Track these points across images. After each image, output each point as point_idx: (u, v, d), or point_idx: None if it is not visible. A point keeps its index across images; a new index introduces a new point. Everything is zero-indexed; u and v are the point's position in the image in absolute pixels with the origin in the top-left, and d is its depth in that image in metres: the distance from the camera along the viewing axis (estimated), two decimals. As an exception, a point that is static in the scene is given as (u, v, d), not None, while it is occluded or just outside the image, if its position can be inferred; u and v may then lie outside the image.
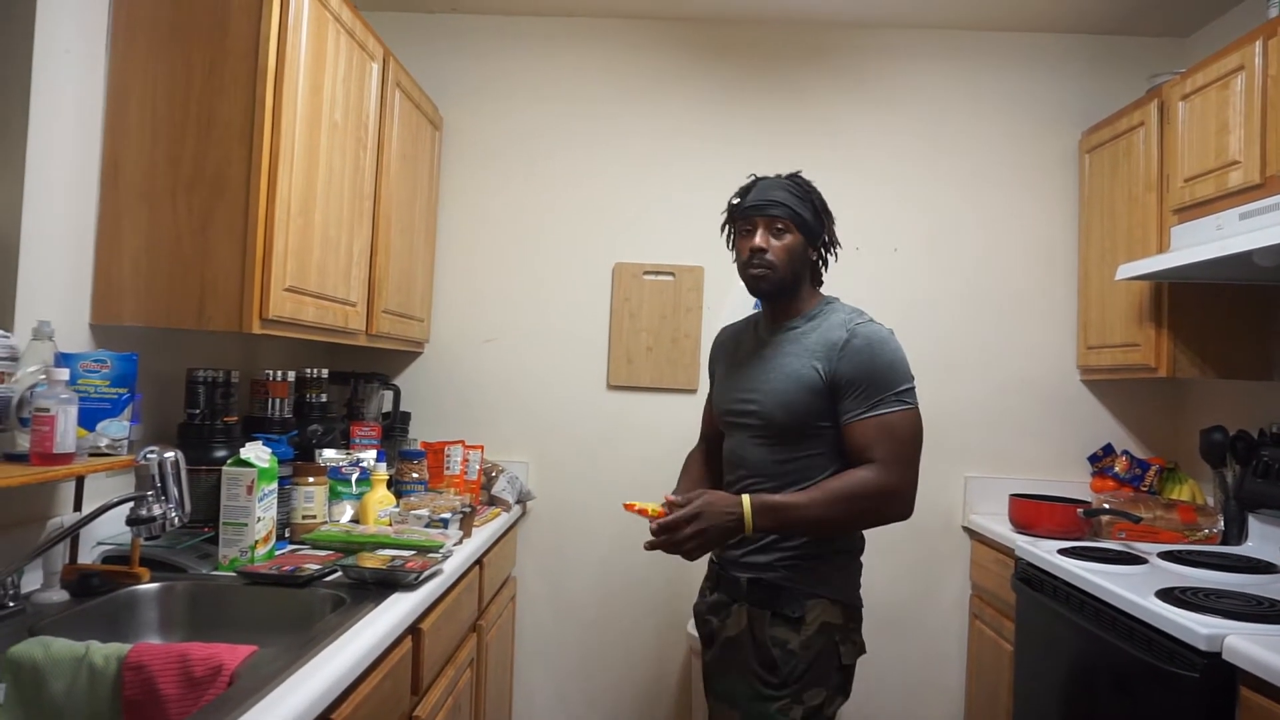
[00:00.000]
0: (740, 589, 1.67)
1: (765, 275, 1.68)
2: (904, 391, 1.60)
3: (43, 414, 1.41)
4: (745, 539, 1.63)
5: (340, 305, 2.16)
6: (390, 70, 2.43)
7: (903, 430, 1.57)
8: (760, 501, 1.55)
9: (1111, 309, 2.72)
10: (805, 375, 1.62)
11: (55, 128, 1.65)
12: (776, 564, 1.64)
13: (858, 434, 1.58)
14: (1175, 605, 1.72)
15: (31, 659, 1.22)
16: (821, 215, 1.72)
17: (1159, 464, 2.79)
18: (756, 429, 1.68)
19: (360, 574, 1.67)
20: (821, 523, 1.57)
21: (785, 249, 1.67)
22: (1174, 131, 2.40)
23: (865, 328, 1.63)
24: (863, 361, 1.59)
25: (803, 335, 1.68)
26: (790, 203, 1.67)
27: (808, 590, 1.63)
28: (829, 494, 1.55)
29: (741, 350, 1.81)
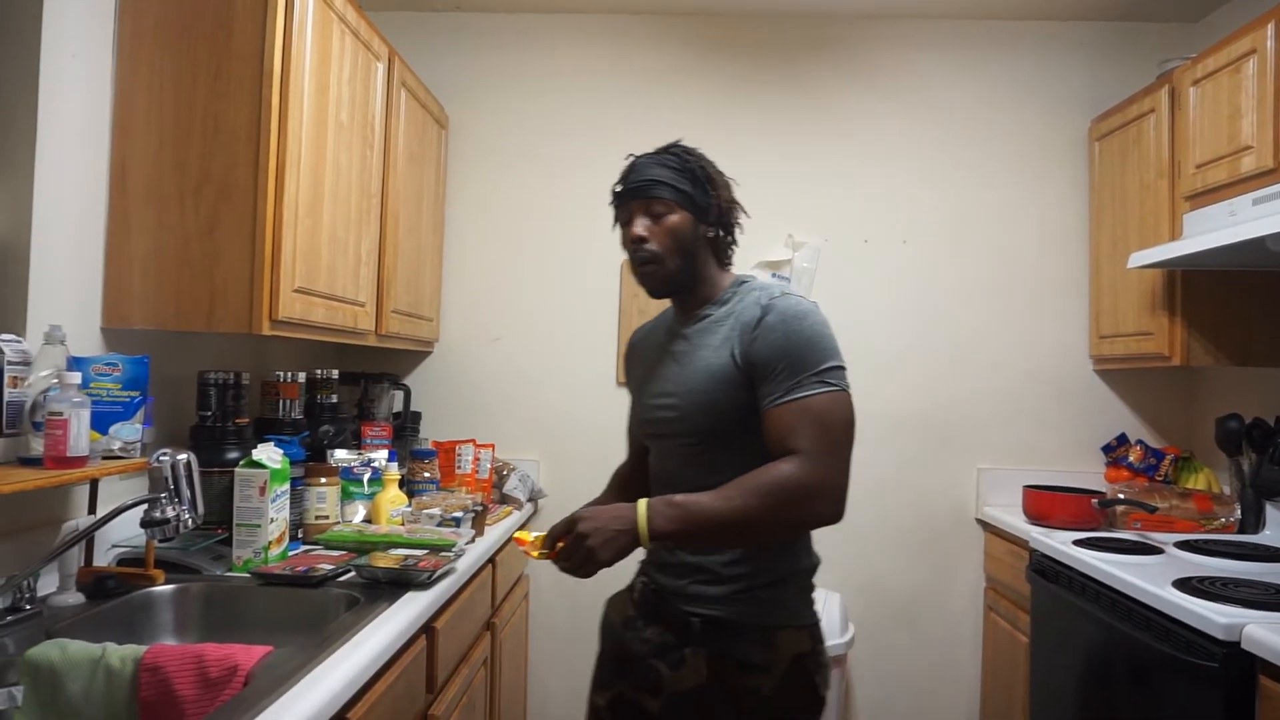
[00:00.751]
0: (692, 631, 1.40)
1: (653, 270, 1.44)
2: (828, 371, 1.34)
3: (56, 418, 1.41)
4: (687, 567, 1.42)
5: (349, 305, 2.16)
6: (395, 70, 2.43)
7: (828, 415, 1.32)
8: (660, 502, 1.30)
9: (1124, 298, 2.70)
10: (721, 366, 1.39)
11: (64, 133, 1.65)
12: (733, 597, 1.39)
13: (776, 421, 1.33)
14: (1193, 595, 1.71)
15: (49, 661, 1.22)
16: (707, 184, 1.45)
17: (1174, 453, 2.77)
18: (680, 436, 1.44)
19: (373, 574, 1.67)
20: (735, 525, 1.29)
21: (668, 232, 1.42)
22: (1185, 117, 2.38)
23: (781, 301, 1.39)
24: (779, 339, 1.35)
25: (717, 324, 1.44)
26: (667, 178, 1.43)
27: (773, 623, 1.39)
28: (742, 491, 1.28)
29: (654, 351, 1.56)
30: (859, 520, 2.96)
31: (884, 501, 2.98)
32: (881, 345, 3.00)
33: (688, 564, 1.42)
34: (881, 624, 2.97)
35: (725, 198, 1.48)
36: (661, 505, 1.29)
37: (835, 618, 2.66)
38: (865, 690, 2.97)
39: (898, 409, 2.99)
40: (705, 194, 1.45)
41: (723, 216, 1.48)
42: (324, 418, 2.33)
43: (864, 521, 2.97)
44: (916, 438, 2.99)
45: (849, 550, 2.96)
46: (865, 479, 2.97)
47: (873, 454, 2.98)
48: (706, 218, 1.45)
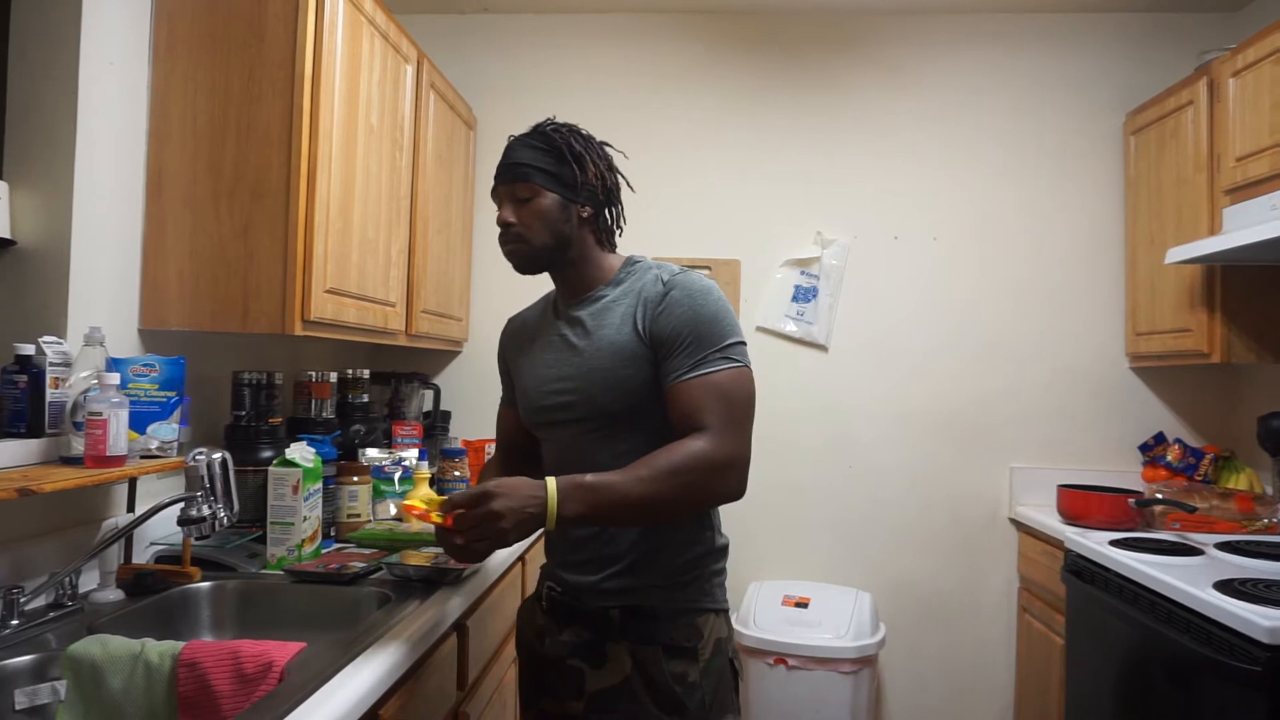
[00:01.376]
0: (612, 624, 1.36)
1: (517, 249, 1.40)
2: (731, 346, 1.33)
3: (96, 418, 1.44)
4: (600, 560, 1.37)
5: (380, 306, 2.18)
6: (424, 72, 2.45)
7: (734, 391, 1.30)
8: (569, 483, 1.23)
9: (1161, 294, 2.65)
10: (625, 343, 1.35)
11: (102, 140, 1.69)
12: (653, 586, 1.36)
13: (683, 397, 1.30)
14: (1234, 597, 1.67)
15: (90, 656, 1.25)
16: (577, 163, 1.40)
17: (1214, 452, 2.71)
18: (581, 421, 1.39)
19: (405, 571, 1.68)
20: (645, 505, 1.24)
21: (534, 214, 1.38)
22: (1225, 109, 2.32)
23: (683, 277, 1.37)
24: (684, 314, 1.33)
25: (614, 303, 1.40)
26: (531, 160, 1.39)
27: (696, 606, 1.37)
28: (653, 470, 1.24)
29: (541, 336, 1.50)
30: (890, 519, 2.94)
31: (916, 501, 2.95)
32: (912, 343, 2.97)
33: (600, 557, 1.38)
34: (913, 624, 2.94)
35: (595, 175, 1.41)
36: (570, 486, 1.23)
37: (866, 617, 2.64)
38: (896, 691, 2.94)
39: (929, 407, 2.96)
40: (574, 173, 1.39)
41: (594, 195, 1.42)
42: (355, 417, 2.36)
43: (895, 521, 2.94)
44: (948, 436, 2.96)
45: (880, 550, 2.94)
46: (897, 478, 2.95)
47: (905, 453, 2.96)
48: (577, 197, 1.40)
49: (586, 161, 1.41)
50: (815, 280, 2.99)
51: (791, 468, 2.98)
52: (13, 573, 1.44)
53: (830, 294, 2.99)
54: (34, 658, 1.27)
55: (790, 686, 2.54)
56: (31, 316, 1.60)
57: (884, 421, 2.98)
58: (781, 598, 2.72)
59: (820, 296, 2.99)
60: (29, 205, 1.61)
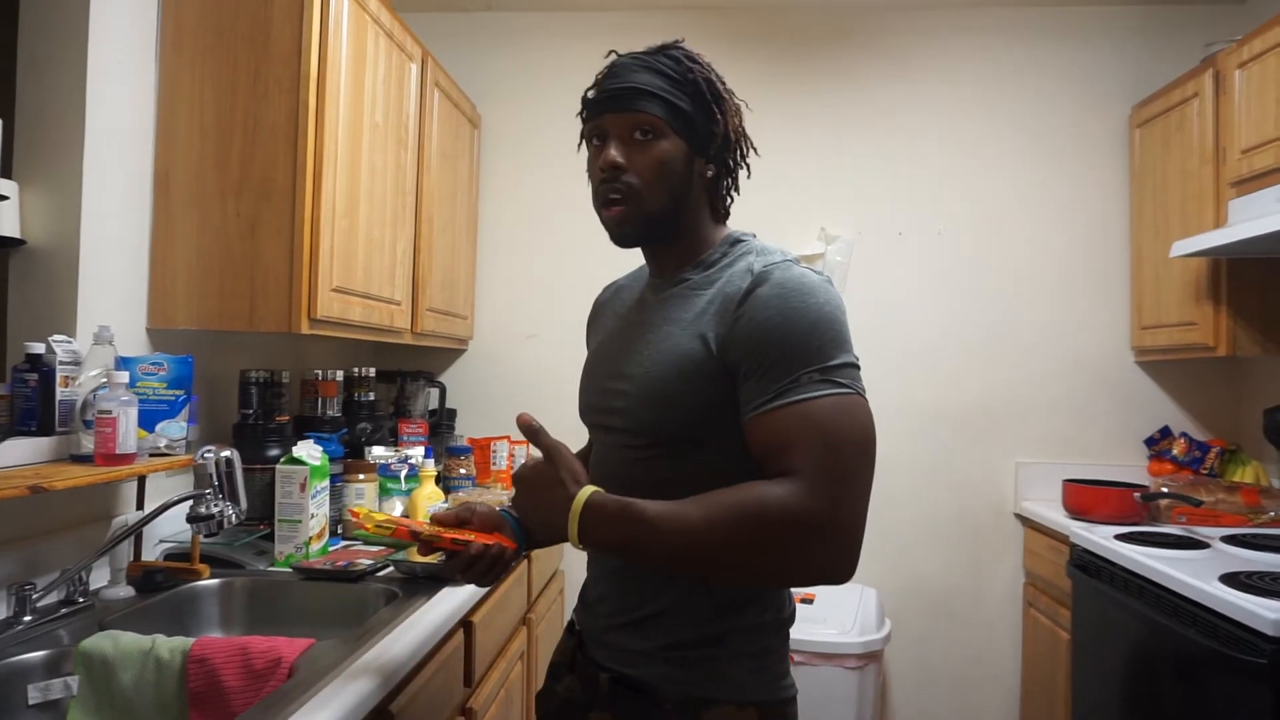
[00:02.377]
0: (599, 689, 1.09)
1: (624, 213, 1.07)
2: (839, 369, 0.97)
3: (105, 416, 1.45)
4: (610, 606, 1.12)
5: (386, 304, 2.19)
6: (429, 70, 2.46)
7: (839, 427, 0.94)
8: (602, 498, 0.97)
9: (1166, 287, 2.64)
10: (687, 350, 1.03)
11: (110, 139, 1.69)
12: (652, 652, 1.06)
13: (767, 431, 0.97)
14: (1241, 590, 1.67)
15: (102, 652, 1.26)
16: (715, 104, 1.09)
17: (1220, 446, 2.71)
18: (624, 433, 1.10)
19: (411, 568, 1.69)
20: (692, 552, 0.94)
21: (655, 162, 1.06)
22: (1230, 101, 2.32)
23: (781, 270, 1.02)
24: (772, 319, 0.98)
25: (695, 291, 1.08)
26: (660, 88, 1.06)
27: (700, 695, 1.04)
28: (710, 507, 0.94)
29: (621, 316, 1.22)
30: (896, 515, 2.95)
31: (921, 496, 2.95)
32: (917, 338, 2.97)
33: (606, 598, 1.13)
34: (919, 620, 2.94)
35: (734, 126, 1.12)
36: (601, 502, 0.97)
37: (872, 613, 2.64)
38: (902, 687, 2.95)
39: (933, 402, 2.96)
40: (709, 118, 1.08)
41: (724, 153, 1.11)
42: (361, 415, 2.37)
43: (901, 516, 2.95)
44: (953, 431, 2.96)
45: (885, 545, 2.94)
46: (902, 473, 2.95)
47: (909, 448, 2.96)
48: (707, 150, 1.09)
49: (728, 106, 1.10)
50: (820, 276, 2.99)
51: (797, 463, 2.98)
52: (25, 569, 1.45)
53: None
54: (46, 653, 1.28)
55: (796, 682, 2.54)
56: (41, 315, 1.62)
57: (888, 416, 2.97)
58: (787, 593, 2.72)
59: (825, 292, 2.98)
60: (38, 205, 1.62)
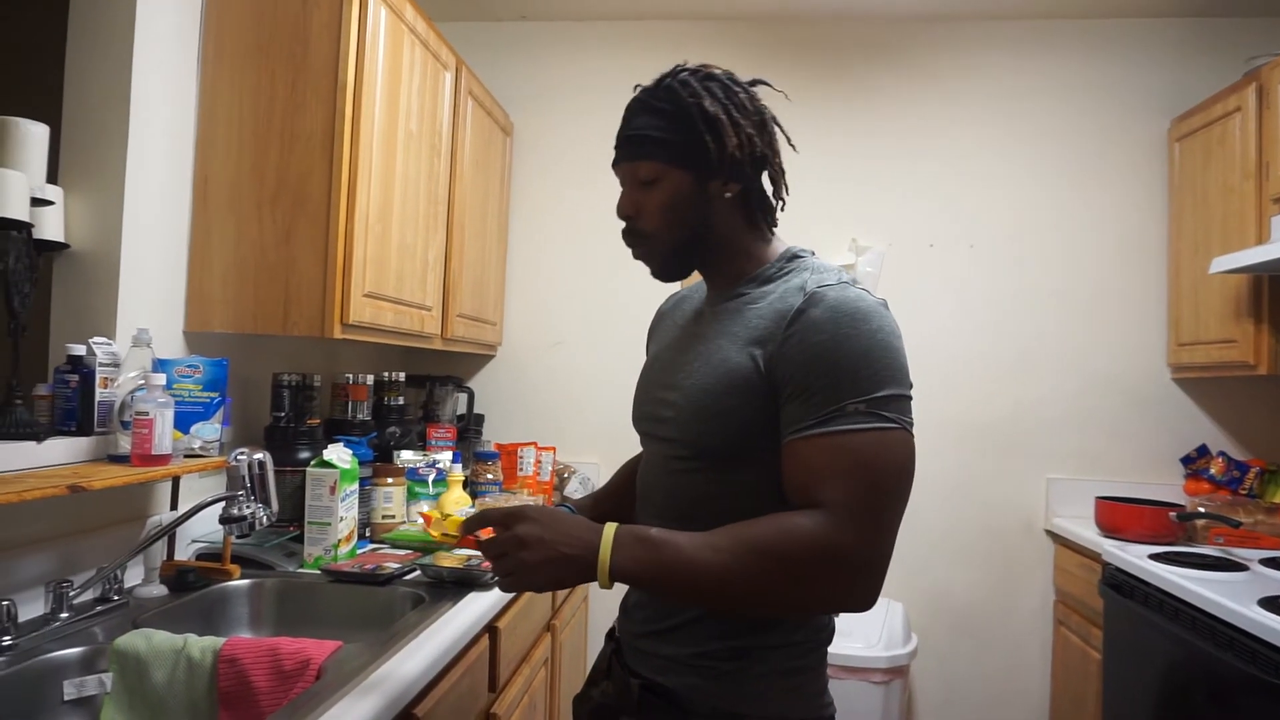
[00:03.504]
0: (630, 696, 1.10)
1: (646, 256, 1.14)
2: (887, 401, 0.98)
3: (142, 417, 1.48)
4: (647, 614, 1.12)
5: (417, 310, 2.21)
6: (463, 79, 2.48)
7: (876, 462, 0.96)
8: (629, 532, 0.97)
9: (1205, 304, 2.59)
10: (737, 366, 1.03)
11: (151, 147, 1.73)
12: (682, 660, 1.07)
13: (801, 458, 0.97)
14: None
15: (135, 650, 1.28)
16: (711, 129, 1.06)
17: (1259, 466, 2.65)
18: (673, 444, 1.10)
19: (438, 573, 1.70)
20: (717, 587, 0.95)
21: (661, 204, 1.09)
22: (1274, 116, 2.27)
23: (835, 291, 1.01)
24: (822, 344, 0.98)
25: (749, 305, 1.08)
26: (655, 131, 1.07)
27: (729, 709, 1.04)
28: (736, 543, 0.94)
29: (678, 327, 1.23)
30: (924, 529, 2.91)
31: (950, 510, 2.92)
32: (948, 352, 2.94)
33: (645, 607, 1.13)
34: (946, 635, 2.90)
35: (740, 141, 1.08)
36: (630, 539, 0.96)
37: (898, 627, 2.61)
38: (928, 702, 2.91)
39: (965, 417, 2.93)
40: (709, 141, 1.07)
41: (740, 169, 1.09)
42: (391, 419, 2.39)
43: (930, 530, 2.91)
44: (984, 446, 2.92)
45: (913, 559, 2.91)
46: (931, 487, 2.92)
47: (939, 462, 2.93)
48: (717, 173, 1.08)
49: (724, 125, 1.07)
50: (849, 287, 2.97)
51: (824, 475, 2.96)
52: (63, 567, 1.48)
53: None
54: (82, 650, 1.30)
55: (821, 696, 2.52)
56: (83, 318, 1.65)
57: (918, 430, 2.93)
58: (812, 606, 2.71)
59: (854, 303, 2.96)
60: (82, 210, 1.66)
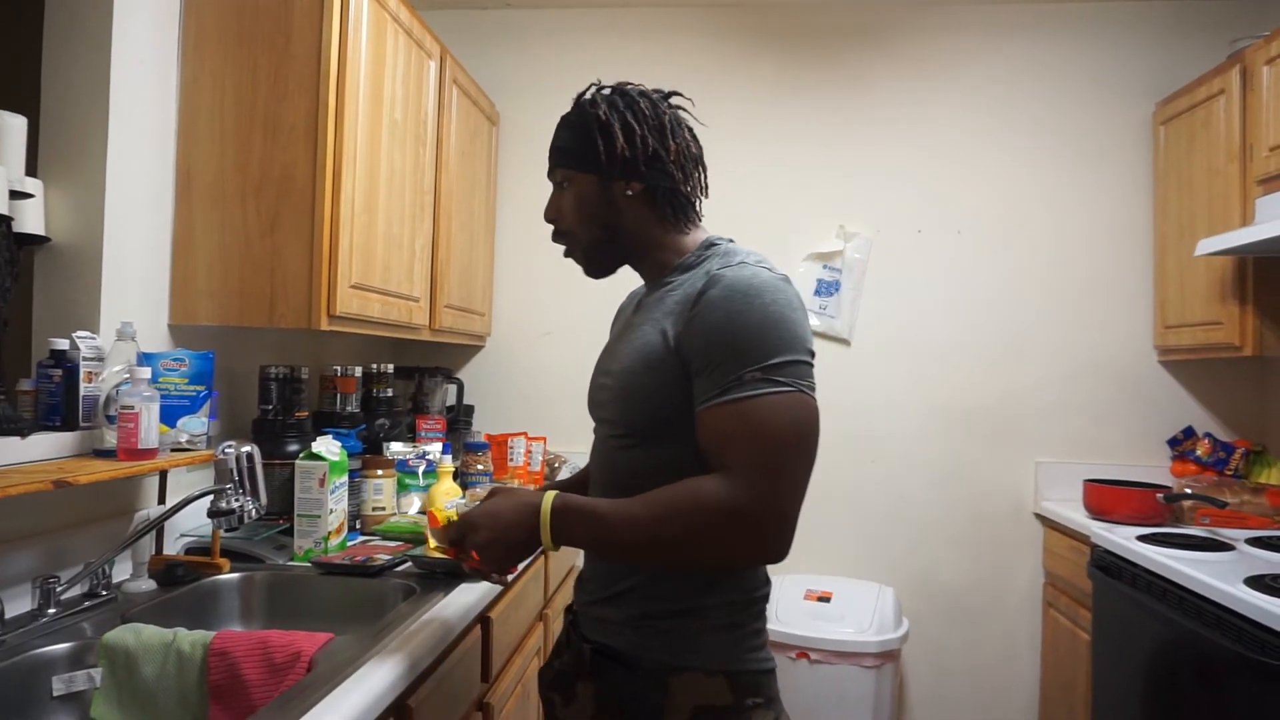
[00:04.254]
0: (583, 661, 1.20)
1: (569, 251, 1.28)
2: (781, 366, 1.04)
3: (128, 411, 1.47)
4: (596, 582, 1.23)
5: (404, 301, 2.20)
6: (447, 68, 2.46)
7: (771, 424, 1.03)
8: (562, 504, 1.09)
9: (1191, 286, 2.61)
10: (652, 347, 1.14)
11: (132, 138, 1.71)
12: (626, 622, 1.16)
13: (707, 426, 1.07)
14: (1266, 593, 1.65)
15: (124, 645, 1.27)
16: (604, 133, 1.19)
17: (1245, 447, 2.67)
18: (610, 424, 1.23)
19: (429, 564, 1.70)
20: (635, 545, 1.07)
21: (572, 207, 1.24)
22: (1258, 98, 2.28)
23: (733, 272, 1.11)
24: (718, 320, 1.07)
25: (669, 292, 1.19)
26: (564, 141, 1.24)
27: (669, 662, 1.12)
28: (650, 508, 1.05)
29: (628, 319, 1.33)
30: (914, 514, 2.93)
31: (940, 495, 2.93)
32: (936, 337, 2.95)
33: (595, 579, 1.24)
34: (937, 619, 2.92)
35: (631, 143, 1.19)
36: (562, 509, 1.09)
37: (889, 612, 2.63)
38: (920, 686, 2.93)
39: (953, 401, 2.94)
40: (604, 148, 1.19)
41: (635, 168, 1.20)
42: (380, 411, 2.38)
43: (919, 515, 2.93)
44: (973, 431, 2.93)
45: (904, 544, 2.92)
46: (920, 472, 2.94)
47: (928, 447, 2.94)
48: (613, 174, 1.20)
49: (614, 128, 1.19)
50: (838, 274, 2.98)
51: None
52: (49, 563, 1.47)
53: (853, 288, 2.97)
54: (70, 645, 1.29)
55: (813, 680, 2.54)
56: (65, 312, 1.63)
57: (907, 415, 2.96)
58: (804, 592, 2.72)
59: (843, 290, 2.97)
60: (62, 203, 1.64)
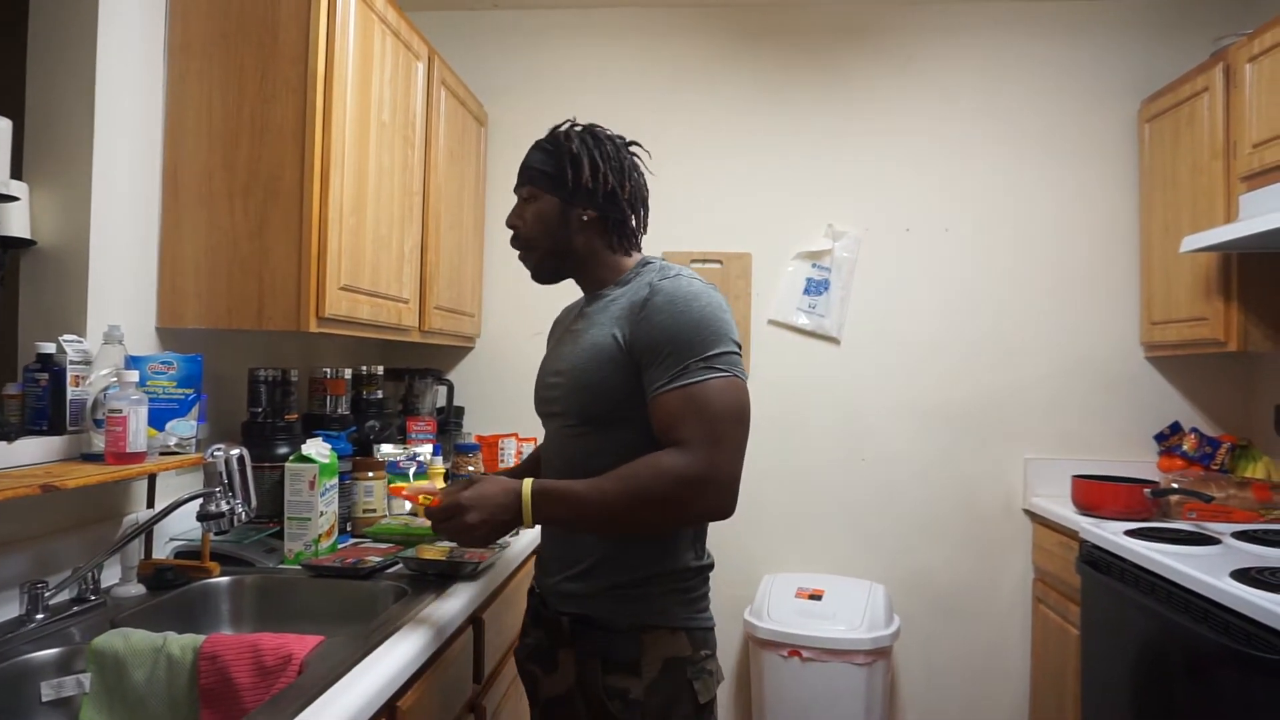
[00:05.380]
0: (562, 631, 1.37)
1: (523, 256, 1.47)
2: (717, 356, 1.26)
3: (116, 415, 1.46)
4: (559, 562, 1.39)
5: (393, 302, 2.20)
6: (435, 68, 2.46)
7: (715, 403, 1.24)
8: (540, 487, 1.27)
9: (1176, 283, 2.63)
10: (605, 344, 1.33)
11: (118, 139, 1.70)
12: (599, 592, 1.34)
13: (661, 410, 1.27)
14: (1252, 586, 1.66)
15: (114, 650, 1.27)
16: (573, 165, 1.40)
17: (1230, 441, 2.69)
18: (563, 416, 1.40)
19: (420, 566, 1.70)
20: (606, 516, 1.25)
21: (534, 218, 1.42)
22: (1241, 96, 2.30)
23: (671, 283, 1.32)
24: (664, 322, 1.28)
25: (612, 302, 1.39)
26: (537, 163, 1.43)
27: (641, 622, 1.32)
28: (616, 481, 1.24)
29: (567, 327, 1.53)
30: (904, 511, 2.94)
31: (929, 492, 2.94)
32: (924, 335, 2.96)
33: (560, 558, 1.40)
34: (927, 615, 2.93)
35: (595, 177, 1.40)
36: (540, 491, 1.27)
37: (880, 609, 2.64)
38: (911, 682, 2.94)
39: (941, 398, 2.95)
40: (571, 175, 1.40)
41: (594, 199, 1.41)
42: (370, 413, 2.37)
43: (909, 513, 2.94)
44: (961, 427, 2.95)
45: (894, 541, 2.93)
46: (910, 469, 2.95)
47: (918, 444, 2.96)
48: (575, 200, 1.41)
49: (583, 163, 1.40)
50: (827, 273, 2.99)
51: (804, 460, 2.98)
52: (37, 568, 1.46)
53: (842, 286, 2.98)
54: (59, 651, 1.29)
55: (804, 678, 2.54)
56: (52, 315, 1.62)
57: (897, 413, 2.97)
58: (795, 590, 2.73)
59: (832, 289, 2.98)
60: (48, 206, 1.63)
